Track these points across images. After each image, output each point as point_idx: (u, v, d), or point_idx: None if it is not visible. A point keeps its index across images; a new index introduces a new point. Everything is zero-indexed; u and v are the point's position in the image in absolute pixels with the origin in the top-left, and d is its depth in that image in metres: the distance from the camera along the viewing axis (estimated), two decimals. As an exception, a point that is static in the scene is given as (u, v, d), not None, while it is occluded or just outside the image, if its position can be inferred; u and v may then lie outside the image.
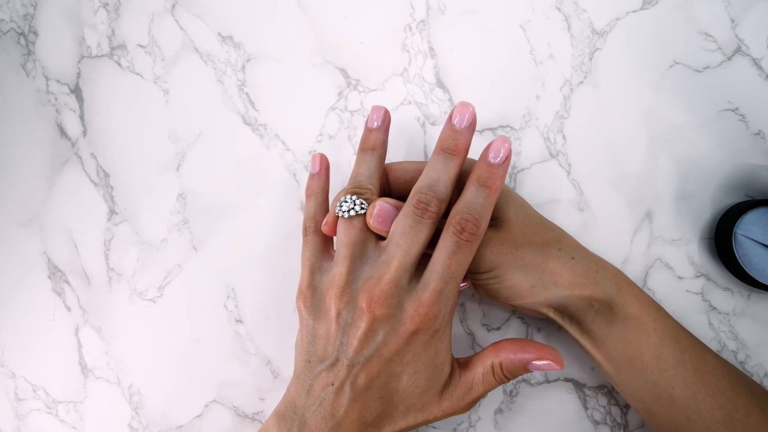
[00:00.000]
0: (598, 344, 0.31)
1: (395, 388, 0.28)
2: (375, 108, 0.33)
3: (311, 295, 0.30)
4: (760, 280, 0.33)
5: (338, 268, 0.29)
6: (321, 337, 0.29)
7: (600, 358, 0.32)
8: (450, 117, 0.29)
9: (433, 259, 0.28)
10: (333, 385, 0.28)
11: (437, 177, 0.28)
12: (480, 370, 0.29)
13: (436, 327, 0.28)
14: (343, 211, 0.30)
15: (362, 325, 0.28)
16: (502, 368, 0.29)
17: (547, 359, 0.28)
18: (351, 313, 0.28)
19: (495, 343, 0.30)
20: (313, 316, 0.30)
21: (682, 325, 0.31)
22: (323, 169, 0.35)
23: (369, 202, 0.30)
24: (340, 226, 0.30)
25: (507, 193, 0.32)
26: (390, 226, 0.29)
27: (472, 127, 0.29)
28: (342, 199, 0.30)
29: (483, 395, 0.30)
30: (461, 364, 0.30)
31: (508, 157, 0.28)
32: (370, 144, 0.33)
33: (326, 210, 0.33)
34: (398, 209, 0.29)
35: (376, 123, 0.33)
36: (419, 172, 0.31)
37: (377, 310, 0.27)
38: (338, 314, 0.28)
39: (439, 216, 0.28)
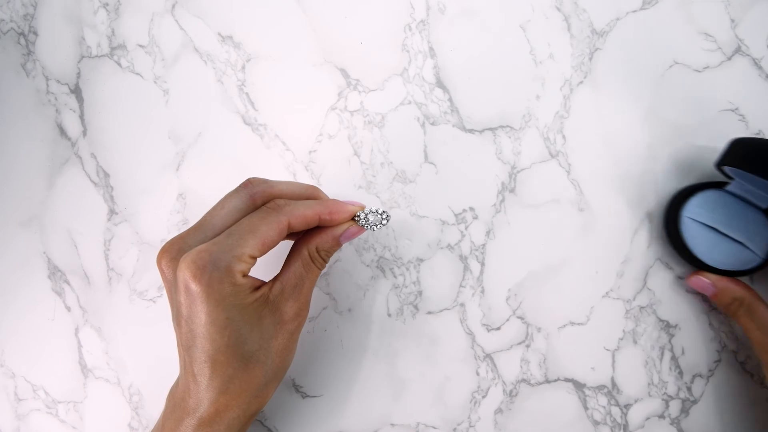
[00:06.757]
0: None
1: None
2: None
3: None
4: (708, 262, 0.34)
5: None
6: None
7: None
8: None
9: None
10: None
11: None
12: (298, 263, 0.31)
13: None
14: (370, 223, 0.32)
15: None
16: (318, 251, 0.31)
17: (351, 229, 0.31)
18: None
19: (302, 237, 0.32)
20: None
21: None
22: None
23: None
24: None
25: None
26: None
27: None
28: (368, 210, 0.32)
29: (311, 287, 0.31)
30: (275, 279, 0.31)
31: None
32: None
33: None
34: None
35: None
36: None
37: None
38: None
39: None
